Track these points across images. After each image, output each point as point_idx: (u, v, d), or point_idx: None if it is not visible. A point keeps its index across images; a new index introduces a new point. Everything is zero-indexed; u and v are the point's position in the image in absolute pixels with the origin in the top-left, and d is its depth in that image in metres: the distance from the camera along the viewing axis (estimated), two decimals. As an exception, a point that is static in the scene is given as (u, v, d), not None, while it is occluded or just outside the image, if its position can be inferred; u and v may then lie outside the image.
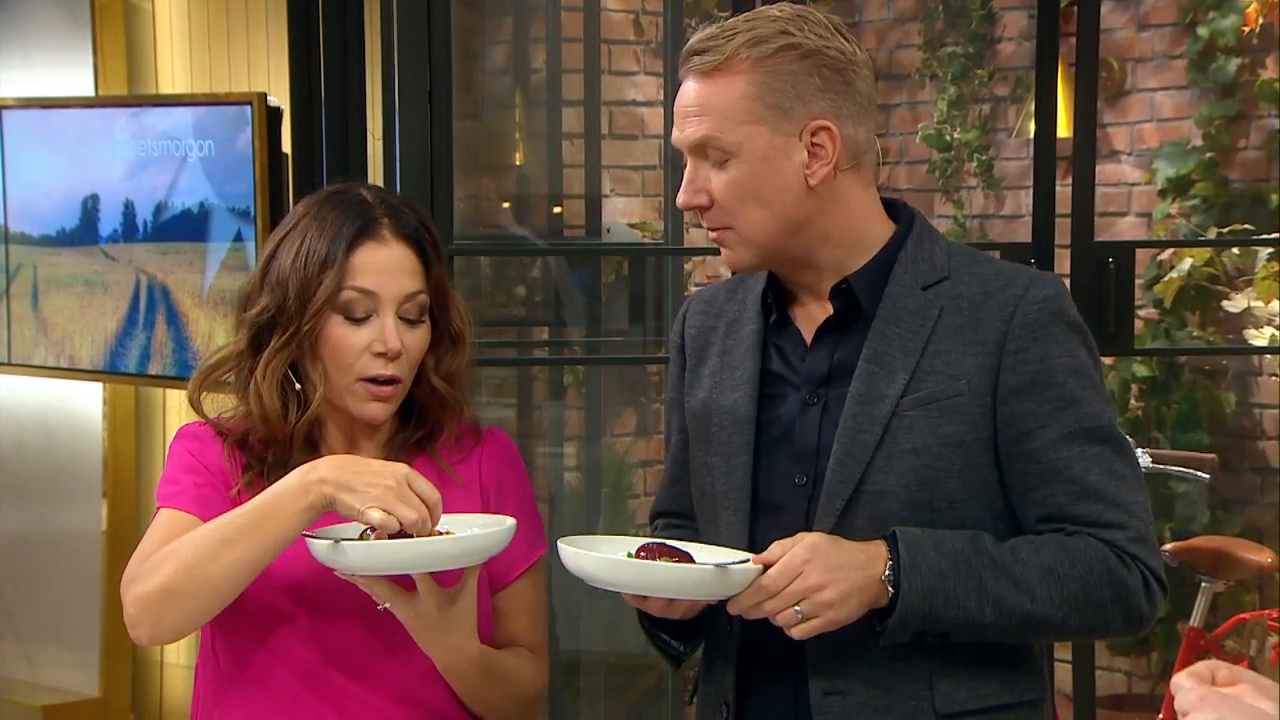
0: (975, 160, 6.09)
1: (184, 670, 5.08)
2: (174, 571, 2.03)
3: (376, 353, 2.16)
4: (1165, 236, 5.42)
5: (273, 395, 2.16)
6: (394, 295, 2.17)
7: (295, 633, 2.17)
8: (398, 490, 2.02)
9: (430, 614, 2.09)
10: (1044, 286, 2.08)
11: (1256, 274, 4.97)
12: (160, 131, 4.47)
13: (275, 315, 2.16)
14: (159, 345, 4.51)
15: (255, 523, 2.03)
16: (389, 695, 2.18)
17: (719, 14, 5.74)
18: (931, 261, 2.10)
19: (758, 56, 2.02)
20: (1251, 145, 5.58)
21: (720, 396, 2.15)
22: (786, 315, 2.15)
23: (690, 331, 2.25)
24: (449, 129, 3.07)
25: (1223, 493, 5.24)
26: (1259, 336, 4.93)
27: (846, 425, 2.05)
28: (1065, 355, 2.05)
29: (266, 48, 4.75)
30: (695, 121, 2.05)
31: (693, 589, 1.99)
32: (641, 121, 5.68)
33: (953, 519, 2.03)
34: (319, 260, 2.15)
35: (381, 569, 2.04)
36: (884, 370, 2.05)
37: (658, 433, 5.52)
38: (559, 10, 4.90)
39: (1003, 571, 1.99)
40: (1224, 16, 5.53)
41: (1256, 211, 5.43)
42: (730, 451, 2.12)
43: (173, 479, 2.20)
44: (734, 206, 2.05)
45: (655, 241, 5.44)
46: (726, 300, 2.23)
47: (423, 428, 2.27)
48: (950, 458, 2.03)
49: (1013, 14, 6.08)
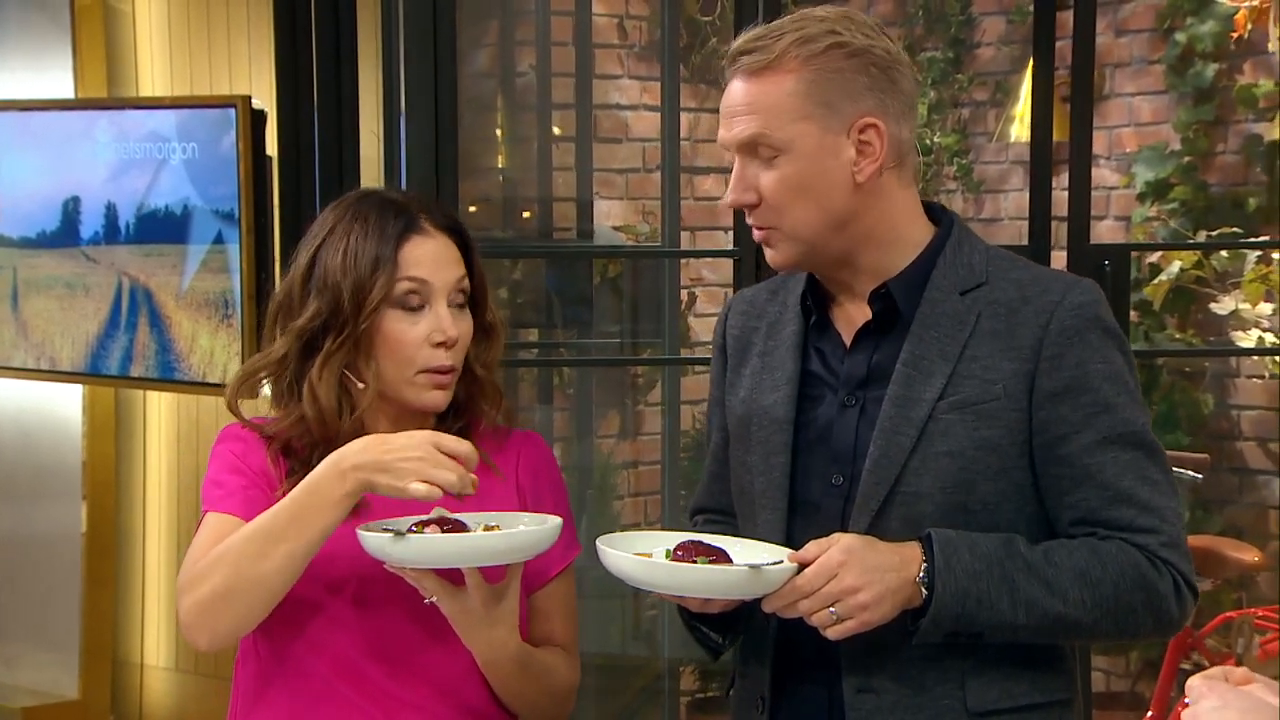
0: (955, 164, 6.12)
1: (164, 672, 5.07)
2: (225, 575, 2.08)
3: (436, 343, 2.20)
4: (1144, 240, 5.45)
5: (330, 395, 2.19)
6: (445, 283, 2.22)
7: (336, 626, 2.19)
8: (430, 458, 2.04)
9: (476, 609, 2.12)
10: (1081, 293, 2.09)
11: (1244, 277, 5.00)
12: (143, 134, 4.47)
13: (329, 318, 2.19)
14: (141, 347, 4.50)
15: (297, 516, 2.06)
16: (428, 690, 2.20)
17: (701, 18, 5.77)
18: (970, 266, 2.12)
19: (807, 55, 2.04)
20: (1229, 150, 5.62)
21: (760, 397, 2.18)
22: (826, 318, 2.17)
23: (733, 332, 2.27)
24: (454, 131, 3.08)
25: (1201, 493, 5.27)
26: (1246, 339, 4.96)
27: (883, 427, 2.07)
28: (1101, 361, 2.06)
29: (248, 51, 4.75)
30: (745, 120, 2.07)
31: (727, 589, 2.02)
32: (625, 125, 5.68)
33: (986, 521, 2.05)
34: (370, 259, 2.18)
35: (434, 562, 2.08)
36: (921, 374, 2.07)
37: (641, 434, 5.53)
38: (548, 14, 4.90)
39: (1035, 574, 2.01)
40: (1202, 22, 5.57)
41: (1235, 215, 5.47)
42: (769, 451, 2.15)
43: (217, 481, 2.22)
44: (783, 203, 2.07)
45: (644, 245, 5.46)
46: (768, 302, 2.25)
47: (462, 419, 2.30)
48: (985, 461, 2.05)
49: (992, 19, 6.11)
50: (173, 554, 5.06)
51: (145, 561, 5.12)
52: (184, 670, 5.04)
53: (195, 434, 4.99)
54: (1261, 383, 5.50)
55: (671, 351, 4.10)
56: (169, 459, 5.07)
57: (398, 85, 3.27)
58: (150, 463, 5.11)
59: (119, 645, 5.15)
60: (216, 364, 4.36)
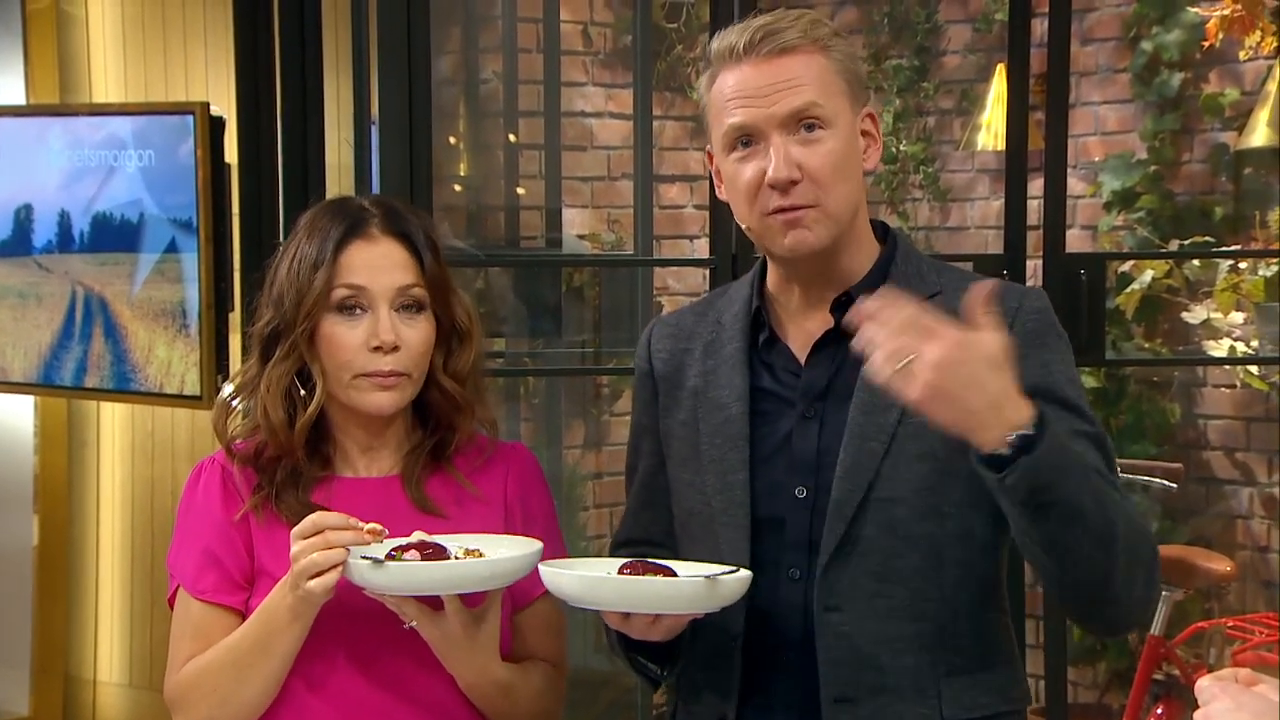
0: (921, 172, 6.11)
1: (116, 688, 5.04)
2: (209, 706, 2.17)
3: (373, 347, 2.18)
4: (1111, 249, 5.46)
5: (277, 405, 2.20)
6: (385, 289, 2.19)
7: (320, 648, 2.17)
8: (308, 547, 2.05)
9: (456, 634, 2.12)
10: (1036, 299, 2.12)
11: (1216, 286, 5.01)
12: (97, 140, 4.42)
13: (279, 325, 2.20)
14: (96, 357, 4.46)
15: (260, 642, 2.14)
16: (413, 710, 2.19)
17: (666, 25, 5.74)
18: (921, 276, 2.13)
19: (824, 39, 2.06)
20: (1195, 158, 5.63)
21: (708, 415, 2.15)
22: (774, 334, 2.16)
23: (660, 356, 2.24)
24: (428, 139, 3.07)
25: (1168, 503, 5.29)
26: (1217, 348, 4.97)
27: (853, 434, 2.06)
28: (1061, 364, 2.08)
29: (204, 57, 4.72)
30: (790, 92, 2.03)
31: (682, 603, 1.97)
32: (590, 133, 5.66)
33: (958, 523, 2.05)
34: (310, 263, 2.18)
35: (412, 590, 2.07)
36: None
37: (607, 445, 5.51)
38: (514, 21, 4.88)
39: (1101, 476, 1.98)
40: (1168, 31, 5.58)
41: (1202, 224, 5.48)
42: (725, 469, 2.12)
43: (181, 546, 2.25)
44: (828, 179, 2.05)
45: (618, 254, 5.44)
46: (696, 323, 2.23)
47: (436, 433, 2.28)
48: (957, 462, 2.00)
49: (958, 27, 6.11)
50: (126, 568, 5.03)
51: (98, 575, 5.08)
52: (138, 686, 5.01)
53: (150, 445, 4.95)
54: (1229, 392, 5.51)
55: (645, 360, 4.11)
56: (123, 471, 5.03)
57: (368, 92, 3.26)
58: (104, 475, 5.08)
59: (71, 661, 5.12)
60: (174, 374, 4.31)
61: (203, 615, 2.20)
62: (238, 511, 2.21)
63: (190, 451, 4.85)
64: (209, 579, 2.21)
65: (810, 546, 2.08)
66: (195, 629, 2.20)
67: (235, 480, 2.23)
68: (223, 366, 4.25)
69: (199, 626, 2.20)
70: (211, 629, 2.19)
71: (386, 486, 2.25)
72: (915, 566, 2.04)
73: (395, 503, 2.23)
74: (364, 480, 2.25)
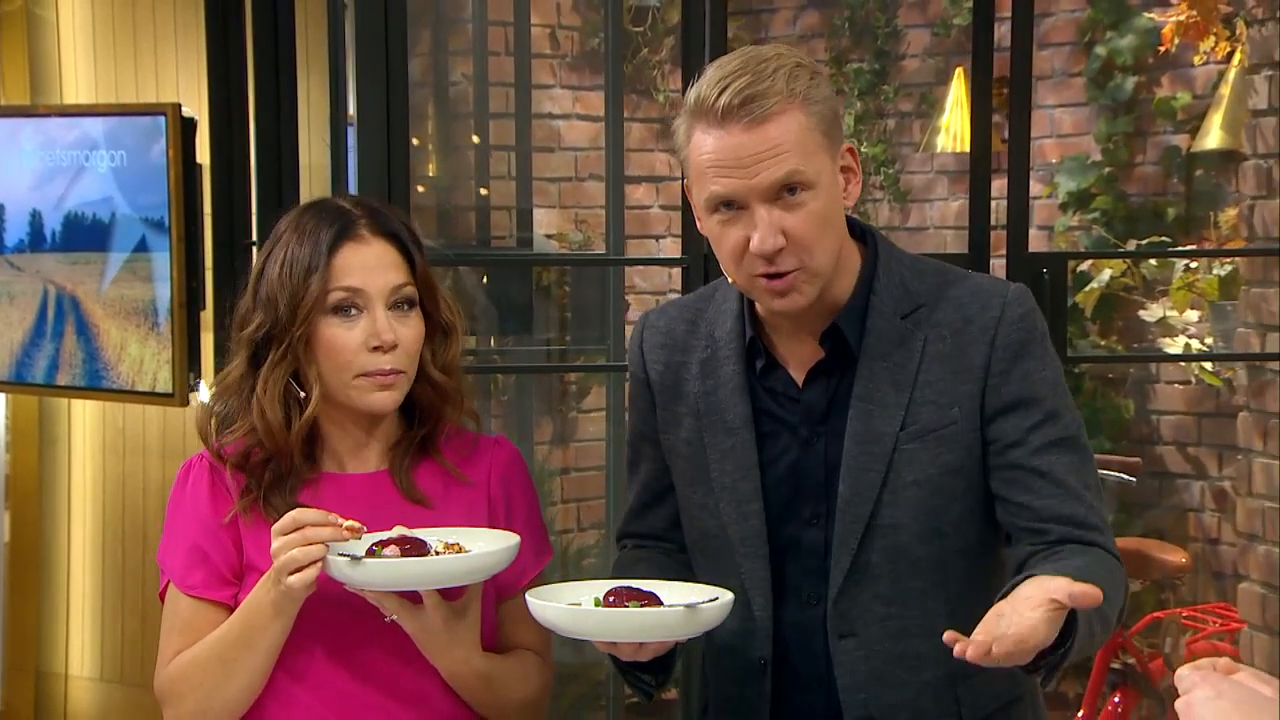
0: (881, 174, 6.18)
1: (88, 683, 5.04)
2: (197, 700, 2.20)
3: (373, 347, 2.19)
4: (1067, 248, 5.54)
5: (275, 407, 2.20)
6: (381, 289, 2.20)
7: (303, 642, 2.20)
8: (288, 544, 2.08)
9: (436, 627, 2.15)
10: (1018, 304, 2.11)
11: (1172, 285, 5.09)
12: (69, 141, 4.44)
13: (270, 329, 2.20)
14: (68, 355, 4.47)
15: (245, 640, 2.16)
16: (398, 703, 2.22)
17: (632, 28, 5.79)
18: (904, 287, 2.12)
19: (803, 91, 2.02)
20: (1148, 160, 5.73)
21: (715, 441, 2.17)
22: (771, 357, 2.17)
23: (655, 366, 2.25)
24: (406, 140, 3.08)
25: (1124, 496, 5.36)
26: (1173, 345, 5.04)
27: (849, 465, 2.09)
28: (1043, 369, 2.10)
29: (174, 59, 4.73)
30: (772, 163, 2.00)
31: (663, 631, 2.01)
32: (558, 134, 5.70)
33: (958, 540, 2.10)
34: (304, 268, 2.18)
35: (391, 585, 2.10)
36: (877, 406, 2.08)
37: (575, 441, 5.54)
38: (485, 25, 4.91)
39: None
40: (1121, 36, 5.67)
41: (1155, 225, 5.57)
42: (740, 499, 2.14)
43: (170, 542, 2.27)
44: (814, 240, 2.02)
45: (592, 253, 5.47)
46: (688, 334, 2.23)
47: (425, 425, 2.30)
48: (951, 484, 2.08)
49: (917, 32, 6.18)
50: (97, 563, 5.04)
51: (70, 571, 5.09)
52: (109, 680, 5.01)
53: (121, 442, 4.96)
54: (1181, 389, 5.59)
55: (617, 358, 4.11)
56: (94, 467, 5.04)
57: (344, 93, 3.27)
58: (75, 471, 5.08)
59: (43, 656, 5.11)
60: (146, 372, 4.33)
61: (191, 610, 2.22)
62: (227, 513, 2.22)
63: (161, 448, 4.87)
64: (198, 575, 2.23)
65: (823, 572, 2.11)
66: (184, 624, 2.22)
67: (225, 481, 2.25)
68: (195, 364, 4.28)
69: (188, 621, 2.22)
70: (200, 624, 2.21)
71: (375, 481, 2.27)
72: (922, 586, 2.08)
73: (384, 496, 2.25)
74: (352, 477, 2.27)
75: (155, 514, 4.89)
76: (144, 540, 4.93)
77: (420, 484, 2.27)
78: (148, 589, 4.90)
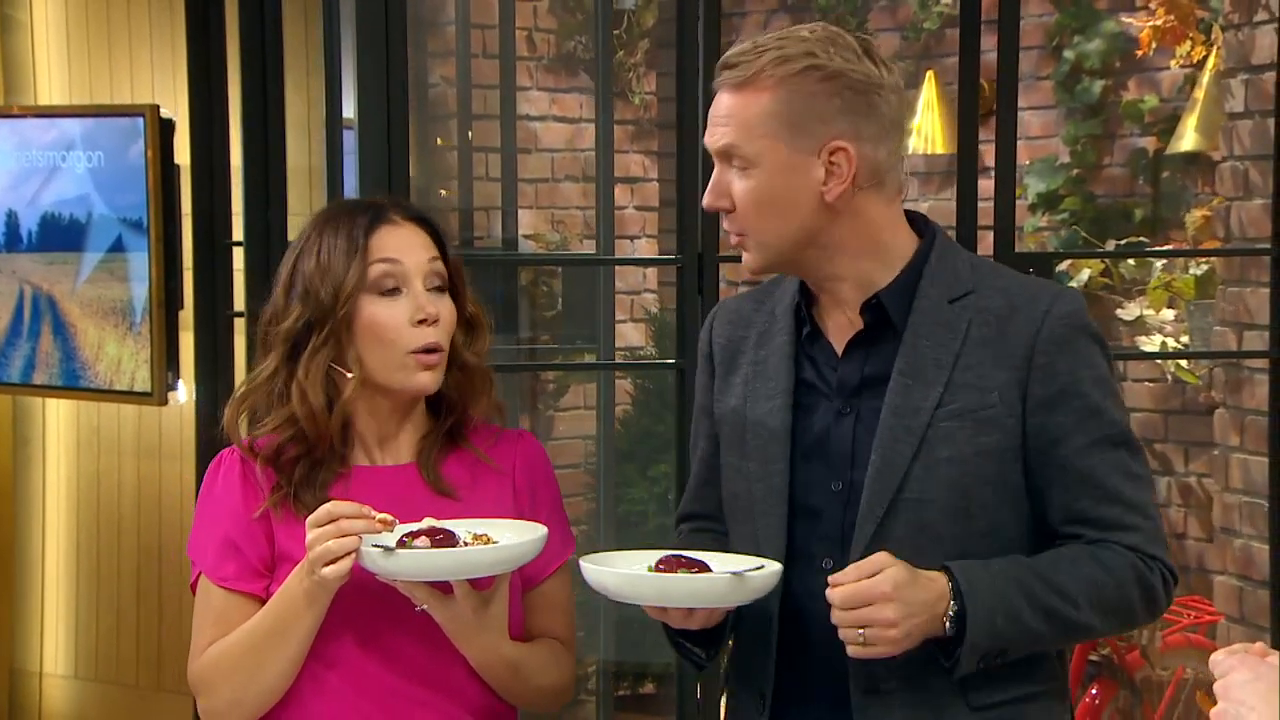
0: (853, 175, 6.21)
1: (62, 680, 5.05)
2: (233, 689, 2.25)
3: (418, 321, 2.25)
4: (1035, 249, 5.60)
5: (318, 391, 2.25)
6: (418, 264, 2.27)
7: (336, 630, 2.24)
8: (323, 535, 2.13)
9: (466, 615, 2.19)
10: (1067, 302, 2.16)
11: (1149, 284, 5.14)
12: (46, 142, 4.46)
13: (311, 317, 2.25)
14: (44, 355, 4.49)
15: (278, 630, 2.21)
16: (429, 690, 2.26)
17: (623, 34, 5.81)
18: (955, 274, 2.18)
19: (782, 75, 2.09)
20: (1116, 162, 5.80)
21: (755, 405, 2.23)
22: (818, 327, 2.23)
23: (719, 341, 2.33)
24: (406, 142, 3.10)
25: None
26: (1149, 343, 5.10)
27: (883, 437, 2.13)
28: (1088, 367, 2.14)
29: (150, 60, 4.75)
30: (722, 130, 2.13)
31: (712, 597, 2.08)
32: (535, 135, 5.73)
33: (985, 523, 2.13)
34: (342, 252, 2.25)
35: (424, 576, 2.15)
36: (918, 383, 2.13)
37: (551, 440, 5.57)
38: (467, 28, 4.94)
39: (1050, 585, 2.09)
40: (1089, 40, 5.74)
41: (1123, 226, 5.63)
42: (767, 459, 2.20)
43: (201, 535, 2.32)
44: (750, 213, 2.13)
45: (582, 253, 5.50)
46: (754, 311, 2.31)
47: (453, 414, 2.35)
48: (984, 466, 2.12)
49: (886, 35, 6.23)
50: (72, 561, 5.05)
51: (44, 569, 5.09)
52: (83, 678, 5.02)
53: (96, 441, 4.97)
54: (1150, 386, 5.67)
55: (606, 357, 4.16)
56: (68, 466, 5.05)
57: (339, 96, 3.28)
58: (49, 470, 5.08)
59: (17, 654, 5.11)
60: (124, 371, 4.35)
61: (224, 601, 2.26)
62: (257, 508, 2.27)
63: (136, 447, 4.88)
64: (230, 567, 2.27)
65: (843, 540, 2.15)
66: (217, 615, 2.27)
67: (256, 476, 2.29)
68: (174, 364, 4.30)
69: (221, 612, 2.26)
70: (233, 615, 2.25)
71: (403, 474, 2.32)
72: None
73: (412, 488, 2.30)
74: (380, 469, 2.32)
75: (129, 512, 4.91)
76: (118, 538, 4.94)
77: (447, 476, 2.32)
78: (122, 587, 4.92)
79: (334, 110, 3.31)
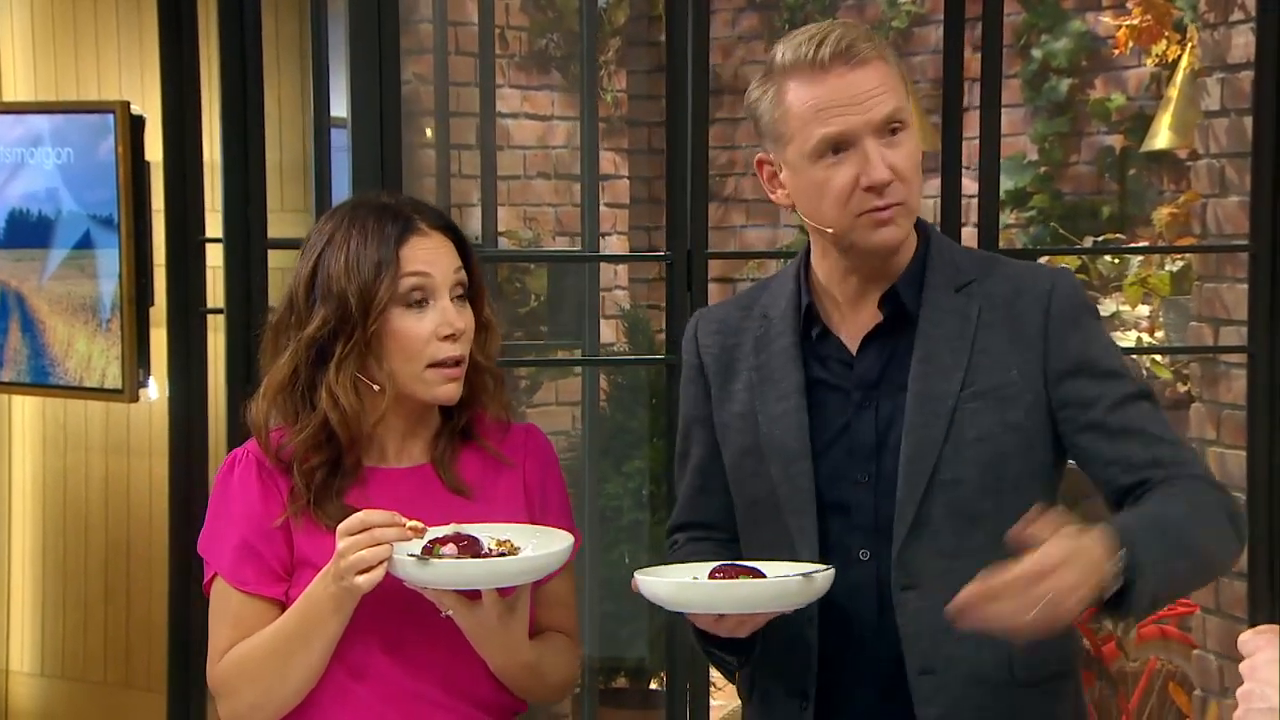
0: (822, 172, 6.24)
1: (28, 678, 5.04)
2: (255, 693, 2.26)
3: (443, 336, 2.26)
4: (1004, 245, 5.64)
5: (350, 396, 2.25)
6: (446, 277, 2.28)
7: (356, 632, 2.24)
8: (355, 545, 2.14)
9: (491, 622, 2.21)
10: (1067, 281, 2.25)
11: (1125, 280, 5.19)
12: (13, 139, 4.44)
13: (338, 324, 2.25)
14: (13, 352, 4.48)
15: (303, 635, 2.22)
16: (442, 689, 2.28)
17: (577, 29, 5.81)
18: (955, 264, 2.25)
19: (883, 49, 2.18)
20: (1083, 160, 5.85)
21: (766, 408, 2.26)
22: (825, 327, 2.27)
23: (710, 351, 2.34)
24: (399, 139, 3.10)
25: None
26: (1125, 339, 5.14)
27: (913, 423, 2.18)
28: (1096, 339, 2.22)
29: (118, 58, 4.74)
30: (882, 98, 2.14)
31: (780, 601, 2.10)
32: (507, 133, 5.74)
33: (1016, 499, 2.12)
34: (373, 263, 2.24)
35: (457, 584, 2.17)
36: (937, 370, 2.18)
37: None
38: (445, 24, 4.94)
39: (1175, 525, 2.07)
40: (1056, 39, 5.79)
41: (1090, 222, 5.68)
42: (789, 459, 2.23)
43: (216, 535, 2.32)
44: (913, 177, 2.17)
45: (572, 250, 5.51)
46: (742, 319, 2.33)
47: (465, 414, 2.36)
48: (1012, 442, 2.16)
49: (856, 34, 6.25)
50: (38, 559, 5.04)
51: (10, 567, 5.08)
52: (50, 675, 5.00)
53: (63, 438, 4.95)
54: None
55: (591, 353, 4.17)
56: (34, 463, 5.03)
57: (326, 93, 3.27)
58: (15, 467, 5.07)
59: (-18, 652, 5.10)
60: (94, 368, 4.34)
61: (243, 605, 2.27)
62: (278, 513, 2.27)
63: (104, 443, 4.87)
64: (249, 570, 2.27)
65: (877, 529, 2.19)
66: (235, 618, 2.27)
67: (275, 478, 2.29)
68: (144, 360, 4.29)
69: (239, 616, 2.27)
70: (251, 619, 2.26)
71: (418, 474, 2.33)
72: (981, 541, 2.12)
73: (428, 488, 2.31)
74: (395, 470, 2.32)
75: (97, 509, 4.89)
76: (85, 535, 4.92)
77: (462, 475, 2.34)
78: (89, 584, 4.90)
79: (321, 108, 3.30)
